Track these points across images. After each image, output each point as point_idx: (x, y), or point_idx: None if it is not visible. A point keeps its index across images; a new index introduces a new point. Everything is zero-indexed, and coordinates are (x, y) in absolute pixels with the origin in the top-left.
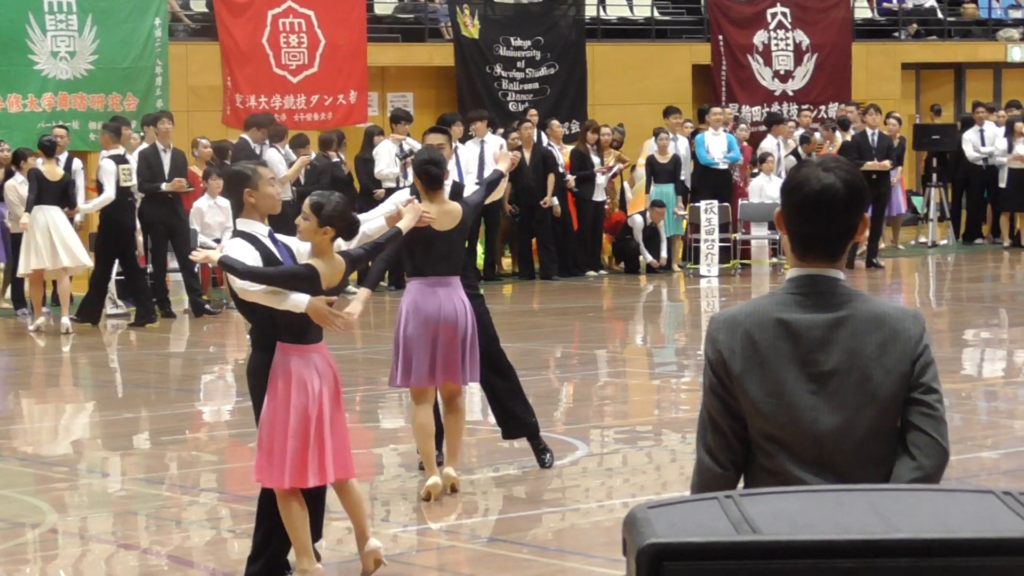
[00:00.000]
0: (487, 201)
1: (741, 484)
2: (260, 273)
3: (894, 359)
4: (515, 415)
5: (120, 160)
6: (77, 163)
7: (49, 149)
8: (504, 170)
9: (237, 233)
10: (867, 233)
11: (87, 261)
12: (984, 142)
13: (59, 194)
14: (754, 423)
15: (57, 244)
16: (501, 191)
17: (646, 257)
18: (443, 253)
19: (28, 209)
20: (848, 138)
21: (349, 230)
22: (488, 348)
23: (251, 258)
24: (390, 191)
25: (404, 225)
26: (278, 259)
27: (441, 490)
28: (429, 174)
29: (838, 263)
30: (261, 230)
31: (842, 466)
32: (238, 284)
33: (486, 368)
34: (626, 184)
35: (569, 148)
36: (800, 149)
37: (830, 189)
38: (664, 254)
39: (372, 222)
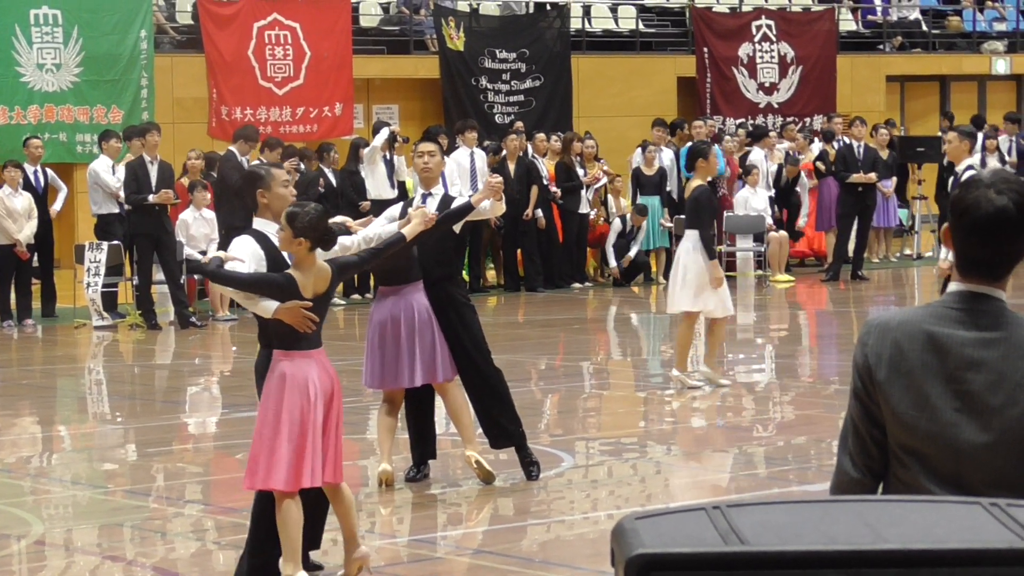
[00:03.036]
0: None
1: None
2: (233, 277)
3: None
4: (500, 425)
5: None
6: (51, 173)
7: None
8: (475, 201)
9: (251, 231)
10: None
11: None
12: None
13: None
14: (893, 433)
15: None
16: (488, 215)
17: (610, 263)
18: (388, 268)
19: None
20: (831, 149)
21: (324, 240)
22: (475, 357)
23: (251, 255)
24: (384, 203)
25: (409, 231)
26: (284, 259)
27: (392, 477)
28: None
29: (1001, 283)
30: (274, 229)
31: (980, 488)
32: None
33: (474, 377)
34: (610, 196)
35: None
36: (784, 171)
37: (1003, 212)
38: (630, 254)
39: (385, 227)
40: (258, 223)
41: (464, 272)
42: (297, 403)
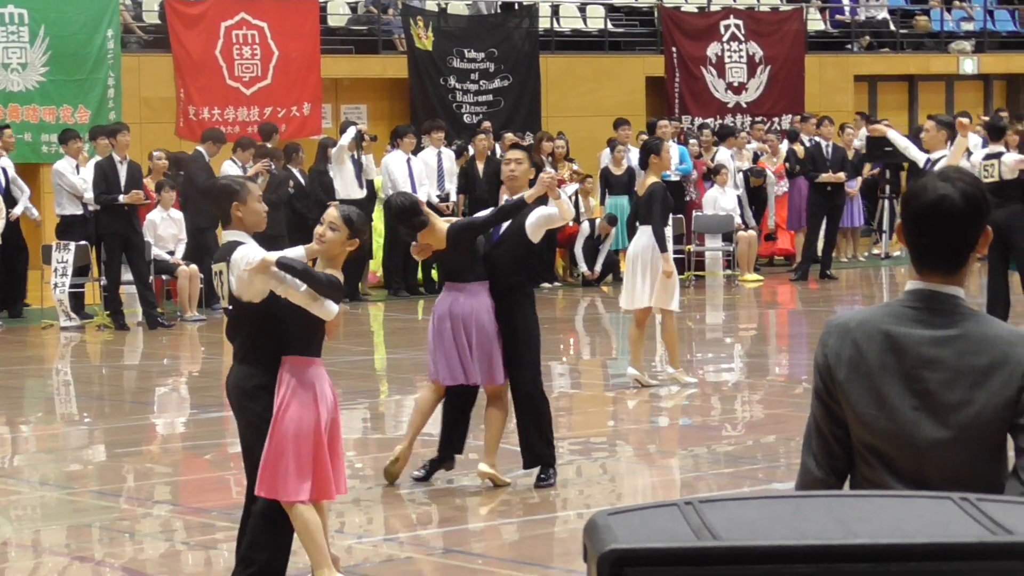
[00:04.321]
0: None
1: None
2: (314, 276)
3: (999, 384)
4: (533, 446)
5: None
6: (12, 174)
7: None
8: (528, 197)
9: (235, 242)
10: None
11: None
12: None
13: None
14: (855, 432)
15: None
16: (559, 221)
17: (581, 267)
18: (450, 267)
19: None
20: (798, 149)
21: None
22: (526, 376)
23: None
24: (353, 202)
25: (530, 195)
26: None
27: (395, 465)
28: (413, 225)
29: (956, 278)
30: (248, 240)
31: (941, 485)
32: (276, 283)
33: (520, 394)
34: (579, 197)
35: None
36: (751, 180)
37: (946, 200)
38: (598, 267)
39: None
40: (233, 235)
41: (434, 272)
42: (327, 413)
